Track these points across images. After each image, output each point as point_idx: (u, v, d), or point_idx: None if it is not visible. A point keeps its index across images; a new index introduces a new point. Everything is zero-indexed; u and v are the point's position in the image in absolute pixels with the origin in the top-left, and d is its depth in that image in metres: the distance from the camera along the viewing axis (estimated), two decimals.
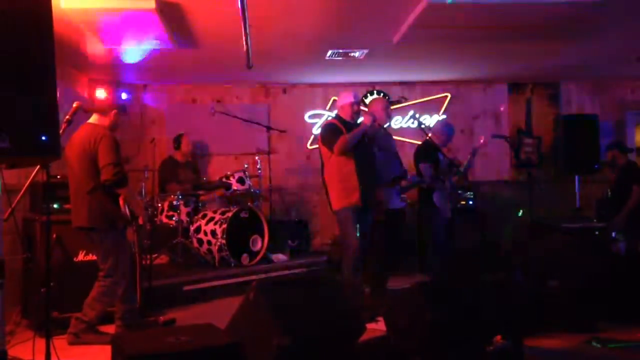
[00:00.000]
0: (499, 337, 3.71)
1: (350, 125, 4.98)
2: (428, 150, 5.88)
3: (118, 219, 4.17)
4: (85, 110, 4.21)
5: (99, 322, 4.30)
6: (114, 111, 4.30)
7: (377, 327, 4.24)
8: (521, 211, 6.88)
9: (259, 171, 7.14)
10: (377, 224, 5.22)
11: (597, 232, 5.70)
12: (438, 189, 5.70)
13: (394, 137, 7.67)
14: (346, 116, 5.07)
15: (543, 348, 4.09)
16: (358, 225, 4.85)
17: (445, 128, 6.12)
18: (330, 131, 4.95)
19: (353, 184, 4.84)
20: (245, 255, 6.29)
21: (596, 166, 7.19)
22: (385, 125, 5.59)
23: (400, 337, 3.60)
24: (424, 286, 3.88)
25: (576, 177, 7.60)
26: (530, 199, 6.62)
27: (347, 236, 4.88)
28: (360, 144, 4.91)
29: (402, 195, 5.51)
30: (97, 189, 4.11)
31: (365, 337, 3.53)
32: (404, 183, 5.45)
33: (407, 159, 6.89)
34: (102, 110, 4.28)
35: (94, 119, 4.29)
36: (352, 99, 5.07)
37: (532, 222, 6.91)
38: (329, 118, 5.21)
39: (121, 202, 4.16)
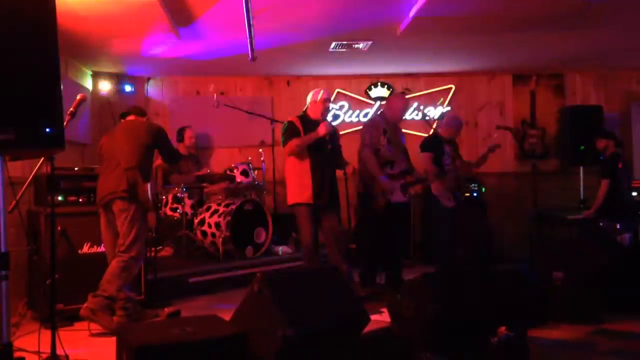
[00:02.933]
0: (503, 328, 3.71)
1: (313, 124, 5.02)
2: (433, 142, 5.94)
3: (145, 200, 4.41)
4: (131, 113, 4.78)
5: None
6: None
7: (382, 318, 4.24)
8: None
9: (263, 163, 7.14)
10: (381, 215, 5.25)
11: (601, 224, 5.69)
12: (439, 180, 5.72)
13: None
14: (314, 114, 5.13)
15: (548, 339, 4.09)
16: (311, 221, 4.99)
17: (453, 122, 6.13)
18: (286, 130, 5.08)
19: (306, 181, 4.97)
20: (249, 247, 6.31)
21: (601, 157, 7.16)
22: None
23: (404, 328, 3.60)
24: (429, 277, 3.88)
25: (581, 169, 7.58)
26: (534, 191, 6.60)
27: (301, 231, 5.06)
28: (317, 143, 4.99)
29: (410, 191, 5.52)
30: (135, 168, 4.36)
31: (369, 328, 3.54)
32: (409, 178, 5.47)
33: (412, 151, 6.90)
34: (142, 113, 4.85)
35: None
36: (322, 96, 5.14)
37: (537, 214, 6.90)
38: (294, 115, 5.24)
39: (146, 187, 4.41)
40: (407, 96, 7.81)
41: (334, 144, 5.25)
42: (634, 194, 6.61)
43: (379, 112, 5.84)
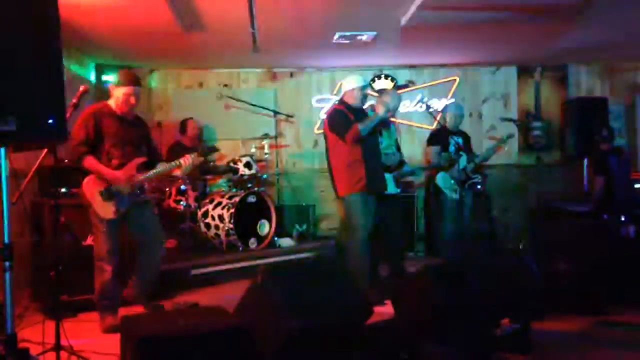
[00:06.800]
0: (506, 320, 3.71)
1: (356, 111, 4.94)
2: (438, 135, 6.00)
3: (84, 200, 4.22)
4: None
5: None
6: (116, 89, 4.28)
7: (385, 310, 4.24)
8: None
9: (266, 156, 7.13)
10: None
11: (605, 216, 5.66)
12: (443, 171, 5.74)
13: (400, 122, 7.72)
14: (352, 101, 4.99)
15: (551, 330, 4.09)
16: (365, 211, 4.85)
17: (452, 110, 6.13)
18: (340, 119, 4.87)
19: (360, 171, 4.82)
20: (252, 239, 6.31)
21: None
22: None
23: (407, 320, 3.60)
24: (432, 269, 3.88)
25: (585, 161, 7.55)
26: (538, 183, 6.60)
27: (355, 221, 4.88)
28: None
29: (409, 180, 5.53)
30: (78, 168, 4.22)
31: (372, 320, 3.54)
32: (399, 171, 5.47)
33: (413, 144, 6.91)
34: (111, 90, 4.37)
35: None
36: (359, 84, 5.01)
37: (540, 206, 6.89)
38: (335, 104, 5.16)
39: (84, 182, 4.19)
40: (410, 88, 7.82)
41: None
42: (638, 186, 6.57)
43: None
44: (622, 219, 5.42)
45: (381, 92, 7.77)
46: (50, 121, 2.68)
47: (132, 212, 4.32)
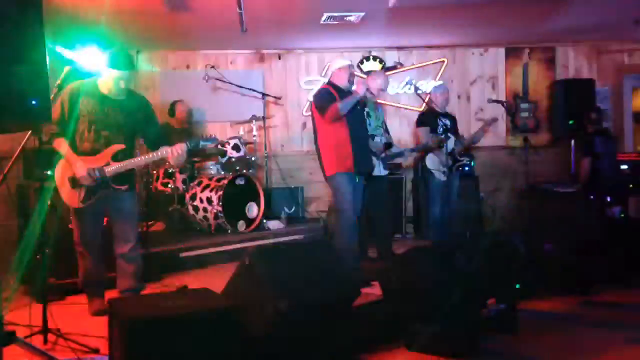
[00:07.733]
0: (493, 300, 3.74)
1: (343, 92, 4.93)
2: (427, 117, 6.02)
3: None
4: None
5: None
6: (107, 70, 3.94)
7: (372, 291, 4.27)
8: None
9: (255, 138, 7.10)
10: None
11: (592, 197, 5.72)
12: (432, 153, 5.77)
13: (388, 104, 7.71)
14: (340, 82, 4.99)
15: (537, 310, 4.14)
16: (352, 191, 4.86)
17: (440, 89, 6.16)
18: (323, 97, 4.88)
19: (347, 150, 4.82)
20: (241, 222, 6.31)
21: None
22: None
23: (395, 300, 3.63)
24: (419, 250, 3.90)
25: (572, 142, 7.59)
26: (525, 164, 6.63)
27: (341, 202, 4.88)
28: (354, 110, 4.88)
29: (402, 164, 5.53)
30: None
31: (360, 301, 3.56)
32: (387, 152, 5.48)
33: (404, 125, 6.90)
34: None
35: None
36: (347, 65, 5.02)
37: (528, 187, 6.93)
38: (323, 84, 5.17)
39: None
40: (398, 70, 7.80)
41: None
42: (624, 167, 6.63)
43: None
44: (608, 199, 5.48)
45: (369, 73, 7.77)
46: (34, 102, 2.64)
47: (111, 201, 4.03)
